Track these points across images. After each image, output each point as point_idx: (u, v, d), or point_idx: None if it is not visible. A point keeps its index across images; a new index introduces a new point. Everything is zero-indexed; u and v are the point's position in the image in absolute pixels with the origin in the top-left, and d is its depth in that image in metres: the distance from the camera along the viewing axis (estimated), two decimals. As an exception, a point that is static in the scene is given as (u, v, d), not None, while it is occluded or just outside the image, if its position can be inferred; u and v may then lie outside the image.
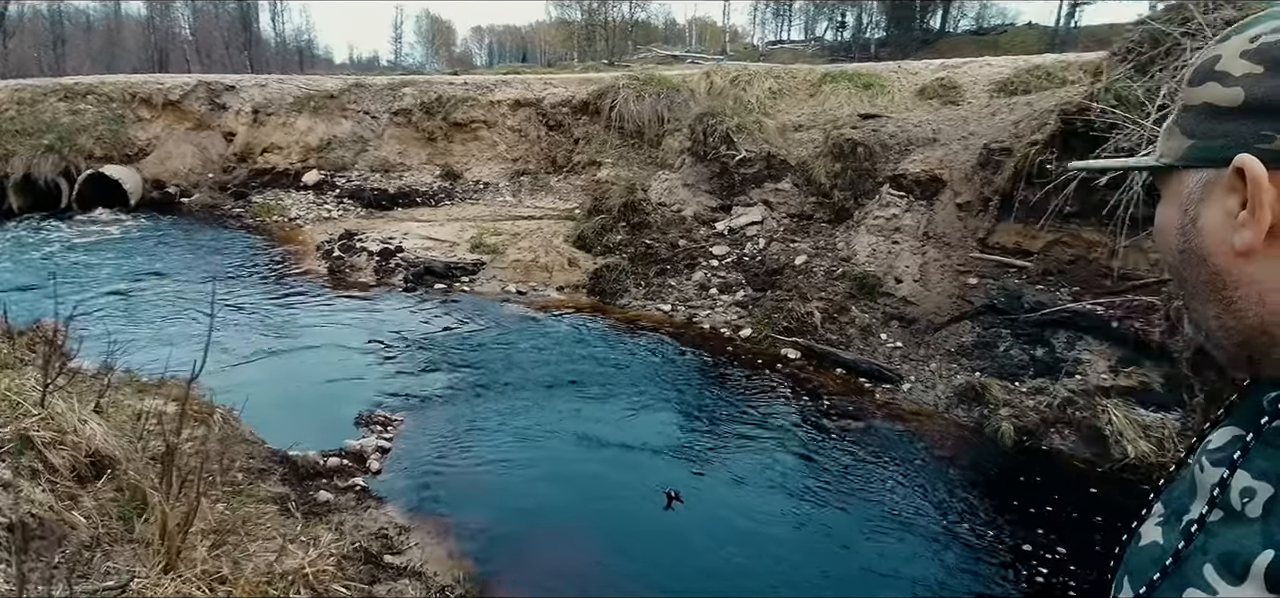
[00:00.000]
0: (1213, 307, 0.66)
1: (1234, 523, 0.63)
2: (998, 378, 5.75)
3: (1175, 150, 0.67)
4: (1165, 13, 7.77)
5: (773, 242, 8.42)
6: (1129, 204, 5.90)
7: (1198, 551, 0.64)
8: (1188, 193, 0.66)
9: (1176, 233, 0.67)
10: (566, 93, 12.79)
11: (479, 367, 6.58)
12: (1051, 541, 4.20)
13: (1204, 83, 0.65)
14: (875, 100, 11.44)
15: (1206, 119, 0.64)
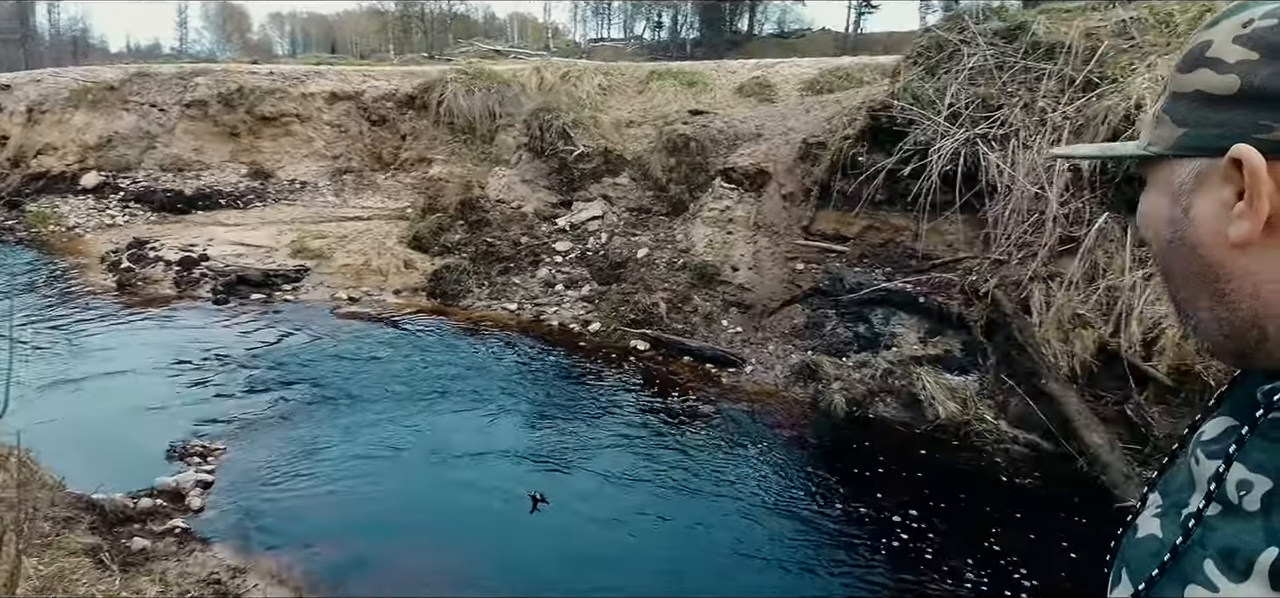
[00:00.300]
0: (1204, 298, 0.64)
1: (1232, 518, 0.62)
2: (828, 355, 6.25)
3: (1165, 139, 0.65)
4: (945, 22, 8.83)
5: (614, 236, 8.54)
6: (928, 193, 6.64)
7: (1197, 545, 0.63)
8: (1180, 183, 0.63)
9: (1166, 224, 0.65)
10: (389, 86, 12.13)
11: (310, 382, 6.09)
12: (880, 500, 4.63)
13: (1195, 70, 0.63)
14: (700, 97, 11.93)
15: (1199, 107, 0.62)
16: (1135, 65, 6.49)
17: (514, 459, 4.98)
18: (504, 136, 10.53)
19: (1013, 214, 6.23)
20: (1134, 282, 5.45)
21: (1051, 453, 5.01)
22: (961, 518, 4.42)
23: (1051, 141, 6.37)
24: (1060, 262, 5.81)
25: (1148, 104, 5.74)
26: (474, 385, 6.10)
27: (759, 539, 4.23)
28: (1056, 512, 4.45)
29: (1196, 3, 7.31)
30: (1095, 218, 5.81)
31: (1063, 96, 6.57)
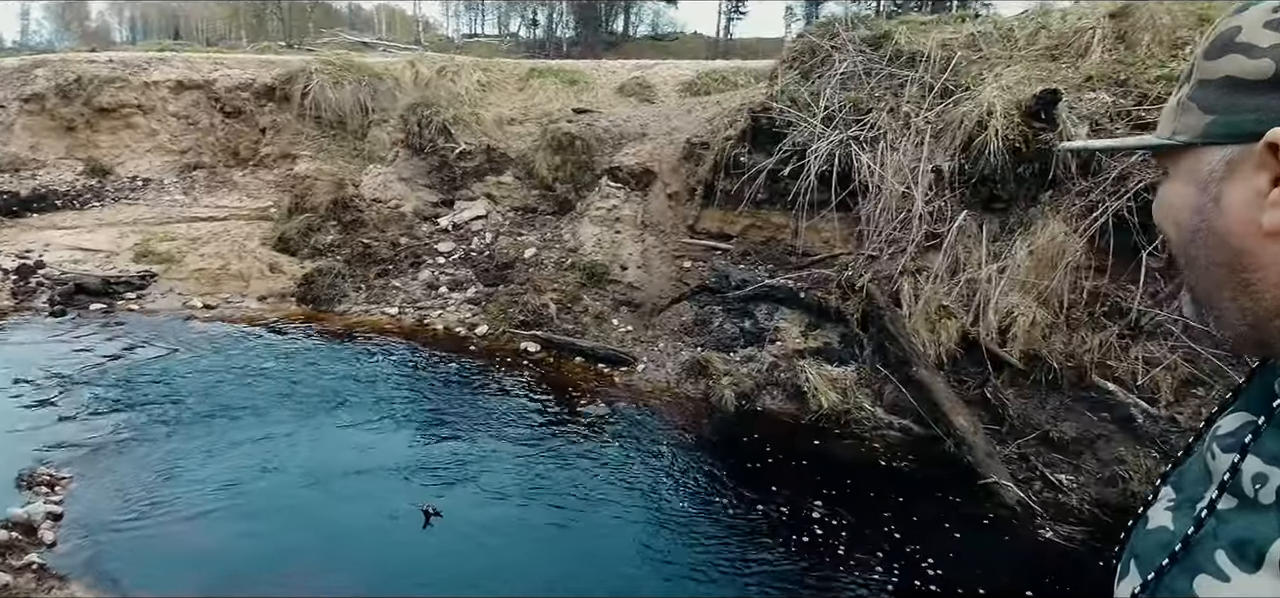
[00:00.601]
0: (1228, 289, 0.63)
1: (1247, 510, 0.61)
2: (717, 351, 6.38)
3: (1193, 127, 0.63)
4: (817, 29, 9.26)
5: (500, 235, 8.34)
6: (806, 192, 6.93)
7: (1209, 536, 0.63)
8: (1209, 171, 0.62)
9: (1192, 212, 0.64)
10: (245, 75, 11.25)
11: (166, 400, 5.53)
12: (773, 491, 4.78)
13: (1224, 55, 0.61)
14: (582, 96, 11.90)
15: (1229, 93, 0.61)
16: (984, 75, 7.04)
17: (403, 473, 4.74)
18: (378, 132, 10.04)
19: (883, 212, 6.61)
20: (989, 274, 5.93)
21: (923, 436, 5.36)
22: (846, 503, 4.63)
23: (915, 144, 6.82)
24: (926, 257, 6.23)
25: (998, 110, 6.26)
26: (354, 396, 5.76)
27: (658, 541, 4.25)
28: (930, 491, 4.77)
29: (1034, 20, 8.08)
30: (956, 216, 6.27)
31: (924, 102, 7.04)
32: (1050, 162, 5.97)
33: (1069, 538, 4.29)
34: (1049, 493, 4.72)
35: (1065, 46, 7.32)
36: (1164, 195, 0.68)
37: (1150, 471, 4.62)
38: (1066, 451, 5.00)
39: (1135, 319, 5.35)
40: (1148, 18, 7.01)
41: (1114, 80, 6.51)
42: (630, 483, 4.79)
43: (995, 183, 6.18)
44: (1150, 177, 5.54)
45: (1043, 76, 6.76)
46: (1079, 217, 5.76)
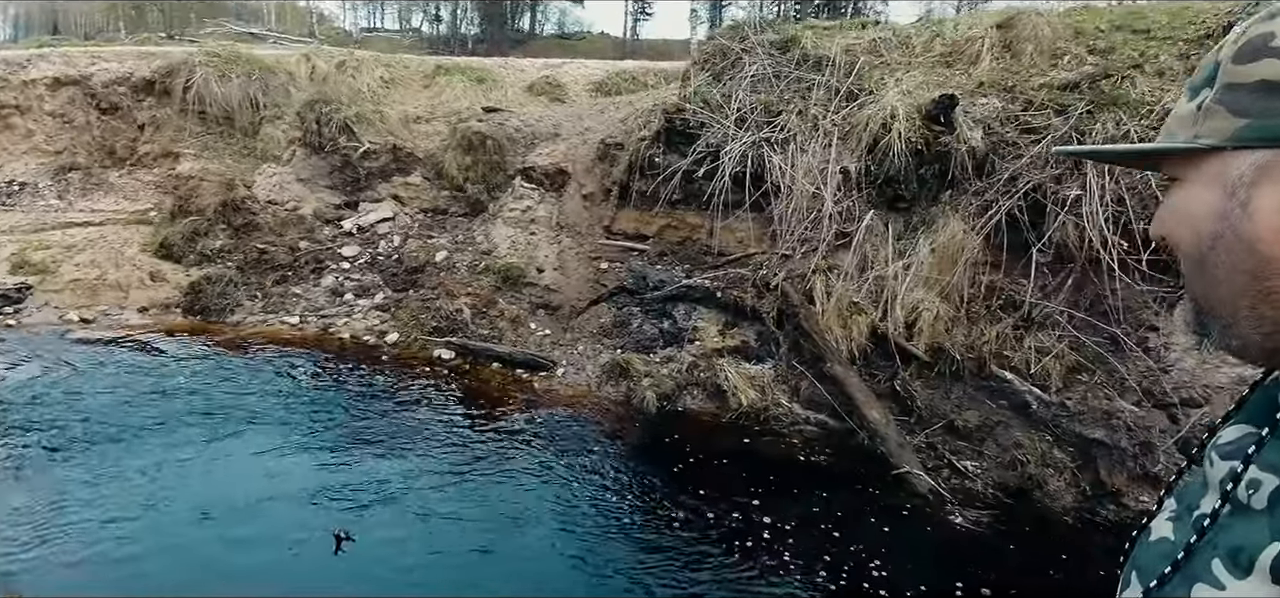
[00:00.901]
0: (1249, 298, 0.61)
1: (1241, 516, 0.62)
2: (637, 352, 6.36)
3: (1221, 131, 0.62)
4: (727, 32, 9.41)
5: (409, 238, 8.03)
6: (721, 192, 7.01)
7: (1207, 545, 0.64)
8: (1237, 176, 0.61)
9: (1215, 218, 0.62)
10: (123, 69, 10.36)
11: (39, 427, 5.00)
12: (696, 492, 4.79)
13: (1259, 59, 0.60)
14: (490, 94, 11.65)
15: (1264, 97, 0.60)
16: (886, 80, 7.33)
17: (310, 497, 4.45)
18: (271, 129, 9.46)
19: (795, 212, 6.76)
20: (896, 271, 6.17)
21: (839, 430, 5.52)
22: (768, 500, 4.70)
23: (824, 145, 7.02)
24: (837, 255, 6.42)
25: (900, 113, 6.52)
26: (253, 415, 5.39)
27: (583, 552, 4.17)
28: (848, 484, 4.91)
29: (929, 28, 8.48)
30: (863, 215, 6.50)
31: (831, 105, 7.26)
32: (949, 163, 6.28)
33: (976, 522, 4.51)
34: (956, 479, 4.95)
35: (958, 54, 7.72)
36: (1178, 202, 0.67)
37: (1044, 453, 4.94)
38: (970, 438, 5.26)
39: (1028, 311, 5.70)
40: (1031, 29, 7.48)
41: (1003, 86, 6.92)
42: (553, 493, 4.70)
43: (899, 183, 6.43)
44: (1038, 177, 5.92)
45: (940, 82, 7.11)
46: (976, 215, 6.08)
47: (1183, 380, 5.03)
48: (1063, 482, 4.74)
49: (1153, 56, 6.73)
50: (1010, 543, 4.32)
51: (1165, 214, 0.69)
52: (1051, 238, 5.69)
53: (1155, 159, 0.71)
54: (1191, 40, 6.80)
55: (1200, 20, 7.05)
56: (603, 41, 46.25)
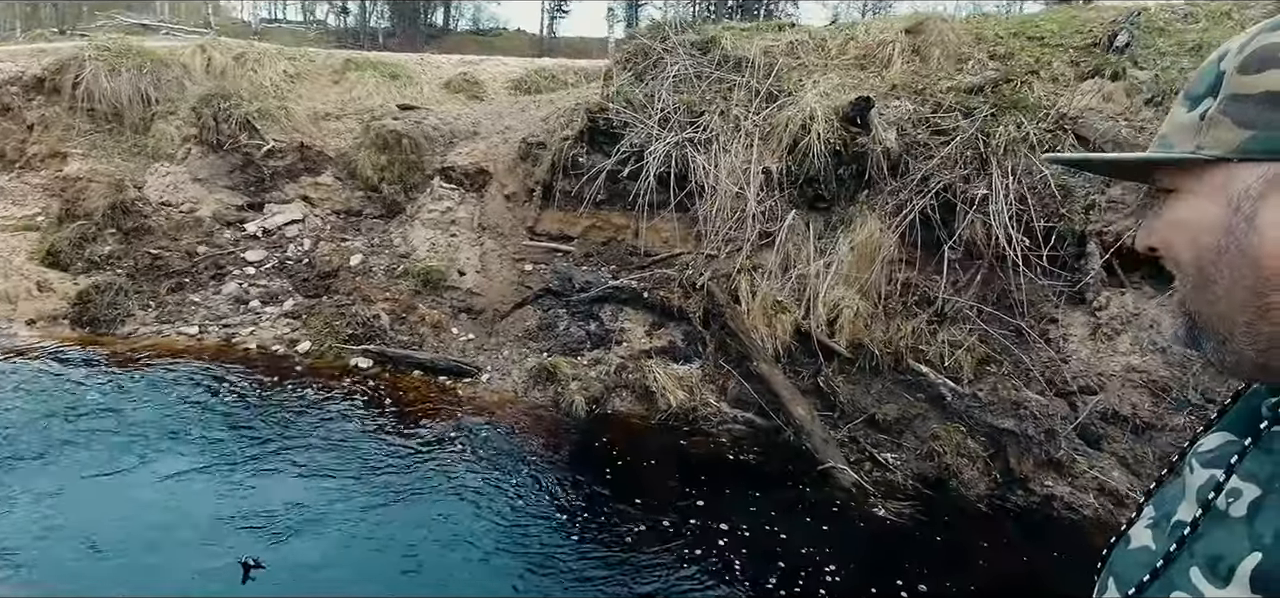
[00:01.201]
0: (1247, 313, 0.60)
1: (1221, 525, 0.62)
2: (564, 355, 6.27)
3: (1227, 143, 0.60)
4: (648, 31, 9.41)
5: (320, 241, 7.65)
6: (645, 193, 6.99)
7: (1186, 553, 0.64)
8: (1244, 189, 0.60)
9: (1219, 231, 0.61)
10: (15, 68, 9.49)
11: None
12: (627, 495, 4.75)
13: (1265, 71, 0.59)
14: (405, 91, 11.29)
15: (1271, 109, 0.58)
16: (804, 81, 7.49)
17: (215, 522, 4.15)
18: (164, 126, 8.82)
19: (719, 212, 6.82)
20: (817, 270, 6.31)
21: (766, 427, 5.60)
22: (698, 500, 4.71)
23: (746, 146, 7.12)
24: (761, 254, 6.51)
25: (819, 115, 6.68)
26: (150, 435, 4.99)
27: (514, 566, 4.06)
28: (775, 480, 4.98)
29: (843, 32, 8.73)
30: (785, 215, 6.62)
31: (752, 106, 7.36)
32: (866, 163, 6.48)
33: (898, 514, 4.65)
34: (878, 472, 5.10)
35: (871, 57, 7.98)
36: (1177, 214, 0.65)
37: (959, 443, 5.15)
38: (890, 431, 5.43)
39: (940, 307, 5.94)
40: (937, 34, 7.81)
41: (914, 89, 7.19)
42: (480, 504, 4.55)
43: (819, 183, 6.58)
44: (948, 177, 6.18)
45: (855, 84, 7.32)
46: (891, 214, 6.29)
47: (1080, 369, 5.35)
48: (976, 471, 4.95)
49: (1047, 62, 7.13)
50: (929, 533, 4.48)
51: (1161, 226, 0.67)
52: (961, 236, 5.95)
53: (1150, 169, 0.69)
54: (1080, 47, 7.25)
55: (1088, 29, 7.53)
56: (520, 39, 45.63)
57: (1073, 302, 5.65)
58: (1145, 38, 6.96)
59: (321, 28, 45.76)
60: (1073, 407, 5.19)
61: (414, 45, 33.95)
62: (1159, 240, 0.68)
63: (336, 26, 45.70)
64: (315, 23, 48.19)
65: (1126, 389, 5.13)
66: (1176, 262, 0.66)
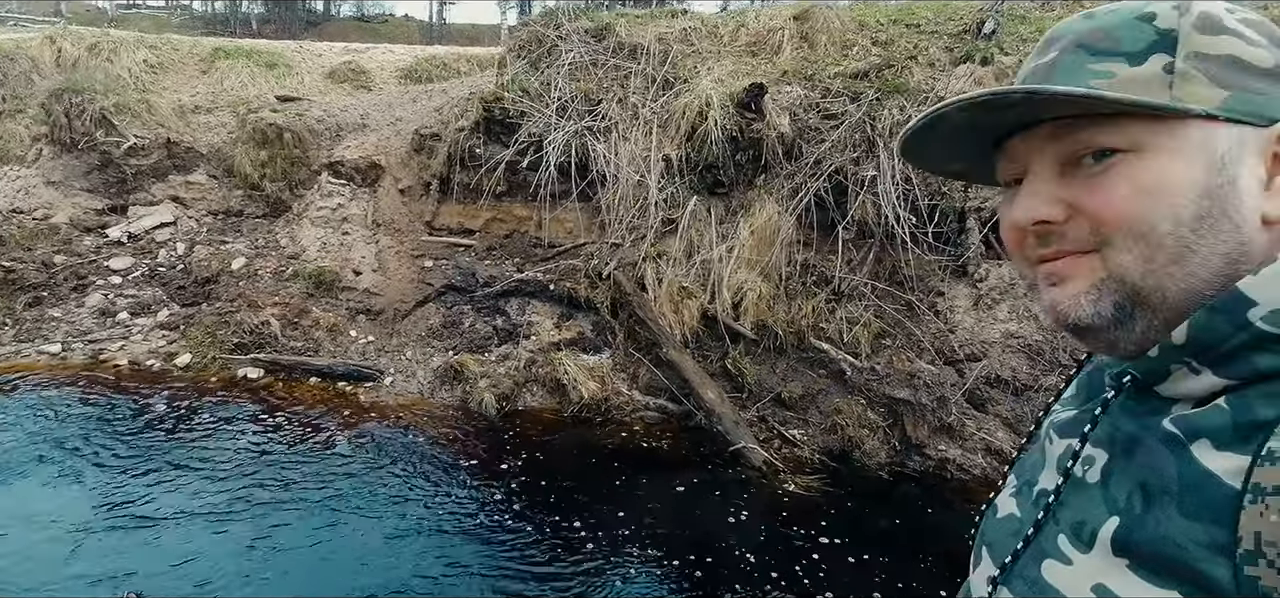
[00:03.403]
0: (1217, 282, 0.58)
1: (1080, 492, 0.65)
2: (470, 353, 6.12)
3: (1208, 99, 0.58)
4: (541, 19, 9.25)
5: (197, 245, 7.11)
6: (547, 183, 6.90)
7: (1052, 521, 0.66)
8: (1224, 150, 0.57)
9: (1199, 193, 0.57)
10: None
11: None
12: (542, 491, 4.71)
13: (1221, 34, 0.59)
14: (283, 81, 10.69)
15: (1238, 72, 0.58)
16: (698, 69, 7.59)
17: (94, 556, 3.80)
18: (11, 125, 7.95)
19: (622, 201, 6.83)
20: (720, 254, 6.43)
21: (677, 412, 5.67)
22: (614, 490, 4.73)
23: (645, 133, 7.14)
24: (665, 241, 6.56)
25: (715, 101, 6.77)
26: (9, 465, 4.50)
27: (426, 569, 3.93)
28: (689, 465, 5.06)
29: (734, 19, 8.89)
30: (687, 201, 6.69)
31: (649, 93, 7.39)
32: (762, 149, 6.63)
33: (807, 488, 4.82)
34: (787, 448, 5.27)
35: (762, 44, 8.17)
36: (1146, 175, 0.58)
37: (860, 415, 5.39)
38: (796, 408, 5.62)
39: (837, 285, 6.18)
40: (823, 21, 8.09)
41: (804, 75, 7.42)
42: (387, 512, 4.38)
43: (718, 169, 6.69)
44: (839, 160, 6.42)
45: (748, 71, 7.47)
46: (788, 197, 6.48)
47: (965, 339, 5.71)
48: (877, 440, 5.20)
49: (924, 48, 7.52)
50: (836, 504, 4.67)
51: (1134, 192, 0.59)
52: (853, 216, 6.20)
53: (1065, 132, 0.62)
54: (953, 34, 7.70)
55: (959, 16, 8.00)
56: (408, 26, 43.87)
57: (956, 275, 6.00)
58: (1010, 25, 7.47)
59: (187, 13, 42.42)
60: (960, 374, 5.53)
61: (292, 32, 32.07)
62: (1110, 207, 0.59)
63: (204, 12, 42.47)
64: (179, 7, 44.60)
65: (1006, 354, 5.51)
66: (1145, 231, 0.58)
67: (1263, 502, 0.51)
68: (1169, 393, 0.61)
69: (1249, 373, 0.56)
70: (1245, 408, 0.55)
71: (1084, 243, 0.61)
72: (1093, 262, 0.61)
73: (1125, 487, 0.60)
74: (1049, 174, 0.62)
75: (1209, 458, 0.55)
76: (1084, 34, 0.62)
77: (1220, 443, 0.55)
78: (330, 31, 35.14)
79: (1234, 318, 0.56)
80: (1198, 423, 0.57)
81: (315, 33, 33.42)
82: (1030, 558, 0.67)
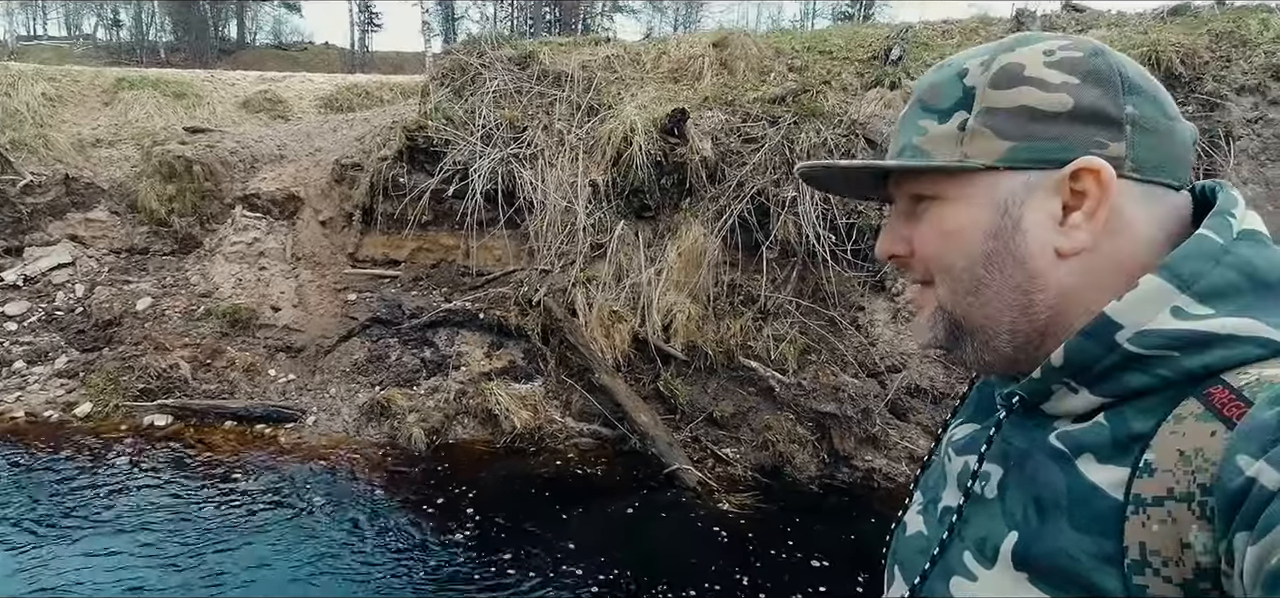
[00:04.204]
0: (1011, 313, 0.65)
1: (981, 508, 0.67)
2: (398, 387, 5.97)
3: (991, 151, 0.64)
4: (464, 46, 9.20)
5: (98, 286, 6.71)
6: (473, 211, 6.84)
7: (957, 539, 0.69)
8: (1008, 195, 0.63)
9: (987, 236, 0.64)
10: None
11: None
12: (473, 525, 4.62)
13: (1015, 87, 0.63)
14: (192, 112, 10.28)
15: (1027, 121, 0.63)
16: (622, 95, 7.68)
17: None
18: (-119, 163, 7.36)
19: (550, 227, 6.82)
20: (649, 277, 6.49)
21: (612, 437, 5.66)
22: (548, 519, 4.67)
23: (571, 159, 7.16)
24: (594, 266, 6.58)
25: (639, 127, 6.86)
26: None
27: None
28: (623, 489, 5.05)
29: (656, 46, 9.05)
30: (615, 226, 6.73)
31: (574, 120, 7.43)
32: (686, 172, 6.75)
33: (741, 506, 4.88)
34: (720, 467, 5.33)
35: (683, 70, 8.34)
36: (947, 222, 0.66)
37: (790, 431, 5.50)
38: (728, 426, 5.70)
39: (764, 304, 6.32)
40: (742, 48, 8.32)
41: (724, 100, 7.60)
42: (311, 558, 4.21)
43: (644, 193, 6.77)
44: (761, 182, 6.59)
45: (670, 97, 7.61)
46: (713, 220, 6.60)
47: (886, 351, 5.92)
48: (807, 454, 5.32)
49: (837, 74, 7.83)
50: (769, 519, 4.75)
51: (928, 233, 0.68)
52: (776, 236, 6.36)
53: (901, 180, 0.71)
54: (863, 60, 8.04)
55: (868, 43, 8.36)
56: (329, 53, 42.88)
57: (875, 290, 6.23)
58: (915, 51, 7.85)
59: (90, 43, 40.30)
60: (882, 385, 5.72)
61: (204, 60, 30.91)
62: (925, 247, 0.69)
63: (108, 41, 40.47)
64: (82, 37, 42.35)
65: (924, 364, 5.74)
66: (947, 268, 0.67)
67: (1144, 512, 0.55)
68: (1052, 410, 0.65)
69: (1122, 390, 0.60)
70: (1122, 423, 0.59)
71: (923, 275, 0.70)
72: (930, 293, 0.70)
73: (1020, 501, 0.63)
74: (902, 212, 0.71)
75: (1093, 471, 0.59)
76: (924, 88, 0.70)
77: (1102, 457, 0.59)
78: (245, 60, 34.00)
79: (1103, 340, 0.60)
80: (1080, 438, 0.61)
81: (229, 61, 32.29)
82: (939, 575, 0.69)
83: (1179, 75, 6.16)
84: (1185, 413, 0.56)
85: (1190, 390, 0.57)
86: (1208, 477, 0.52)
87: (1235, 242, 0.60)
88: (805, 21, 39.73)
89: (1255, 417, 0.51)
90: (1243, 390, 0.54)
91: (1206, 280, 0.58)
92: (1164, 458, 0.55)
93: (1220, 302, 0.58)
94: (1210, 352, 0.57)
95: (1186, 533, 0.53)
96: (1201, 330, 0.57)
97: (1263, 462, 0.49)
